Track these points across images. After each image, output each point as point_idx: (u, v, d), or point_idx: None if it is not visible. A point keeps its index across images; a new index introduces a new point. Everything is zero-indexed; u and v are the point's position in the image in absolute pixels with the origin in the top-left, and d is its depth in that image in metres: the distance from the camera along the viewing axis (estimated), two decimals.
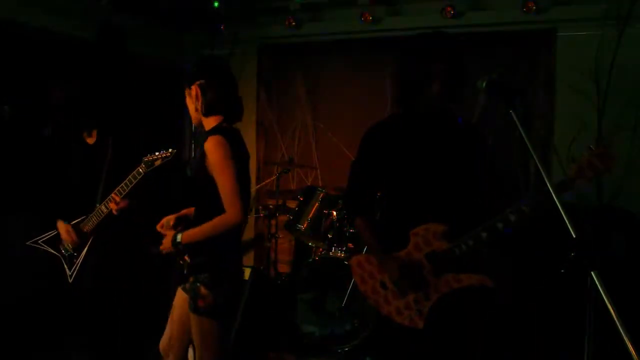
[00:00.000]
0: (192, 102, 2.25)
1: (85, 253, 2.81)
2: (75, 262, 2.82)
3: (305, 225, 3.88)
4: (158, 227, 2.31)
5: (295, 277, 3.81)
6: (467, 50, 2.01)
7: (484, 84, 1.74)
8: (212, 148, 2.10)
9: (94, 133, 2.90)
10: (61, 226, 2.84)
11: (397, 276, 2.00)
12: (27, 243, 2.92)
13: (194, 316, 2.19)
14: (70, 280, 2.83)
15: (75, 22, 4.21)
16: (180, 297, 2.33)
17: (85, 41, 4.27)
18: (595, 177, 1.76)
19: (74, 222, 2.84)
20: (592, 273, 1.38)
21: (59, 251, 2.87)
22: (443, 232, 1.98)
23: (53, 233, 2.89)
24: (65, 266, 2.85)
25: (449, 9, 4.34)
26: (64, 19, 4.12)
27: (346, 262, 3.61)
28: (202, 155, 2.15)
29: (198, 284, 2.15)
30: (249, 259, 5.28)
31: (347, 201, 2.25)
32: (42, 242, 2.91)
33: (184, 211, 2.39)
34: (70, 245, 2.84)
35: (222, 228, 2.10)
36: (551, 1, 4.20)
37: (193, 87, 2.23)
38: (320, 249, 3.95)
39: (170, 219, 2.32)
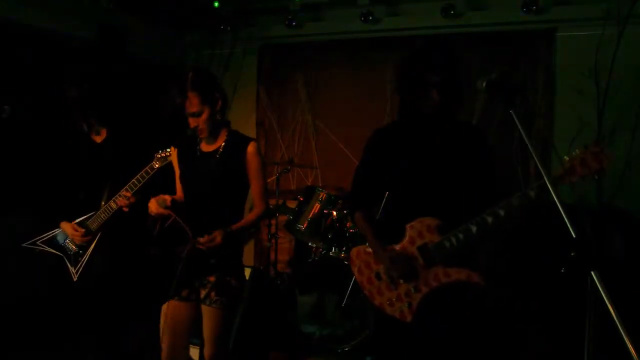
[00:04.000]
0: (212, 112, 2.40)
1: (92, 251, 2.80)
2: (80, 260, 2.80)
3: (305, 225, 3.88)
4: (153, 206, 2.36)
5: (295, 277, 3.81)
6: (466, 51, 2.03)
7: (484, 84, 1.75)
8: (256, 152, 2.43)
9: (103, 132, 2.88)
10: (66, 226, 2.82)
11: (387, 266, 2.05)
12: (24, 245, 2.89)
13: (217, 310, 2.36)
14: (75, 279, 2.80)
15: (76, 22, 4.21)
16: (179, 307, 2.43)
17: (86, 41, 4.28)
18: (590, 175, 1.77)
19: (79, 220, 2.83)
20: (592, 273, 1.39)
21: (62, 250, 2.85)
22: (437, 225, 2.03)
23: (54, 232, 2.88)
24: (69, 265, 2.82)
25: (449, 9, 4.34)
26: (64, 19, 4.12)
27: (346, 262, 3.61)
28: (242, 156, 2.41)
29: (228, 278, 2.39)
30: (249, 259, 5.28)
31: (350, 198, 2.31)
32: (42, 242, 2.89)
33: (175, 196, 2.51)
34: (77, 243, 2.81)
35: (260, 219, 2.51)
36: (551, 1, 4.21)
37: (218, 99, 2.42)
38: (320, 249, 3.95)
39: (166, 198, 2.37)
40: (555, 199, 1.52)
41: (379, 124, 2.45)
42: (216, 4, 4.77)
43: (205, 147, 2.47)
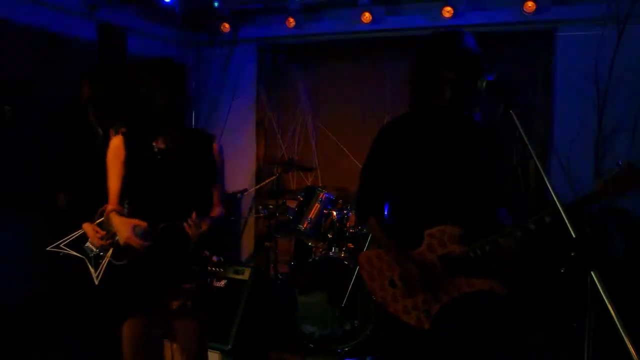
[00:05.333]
0: (183, 110, 2.23)
1: (112, 253, 2.75)
2: (101, 263, 2.74)
3: (305, 225, 3.88)
4: (135, 242, 2.18)
5: (295, 277, 3.81)
6: (475, 51, 1.97)
7: (484, 84, 1.74)
8: (219, 151, 2.32)
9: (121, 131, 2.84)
10: (87, 227, 2.76)
11: (413, 276, 1.98)
12: (48, 249, 2.82)
13: (195, 322, 2.25)
14: (97, 282, 2.73)
15: (76, 22, 4.21)
16: (145, 324, 2.24)
17: (87, 41, 4.27)
18: (622, 195, 1.71)
19: (99, 220, 2.78)
20: (592, 273, 1.38)
21: (84, 252, 2.79)
22: (459, 235, 1.96)
23: (77, 234, 2.81)
24: (91, 268, 2.75)
25: (449, 8, 4.34)
26: (64, 19, 4.12)
27: (346, 262, 3.61)
28: (208, 153, 2.27)
29: (207, 282, 2.30)
30: (249, 259, 5.28)
31: (360, 201, 2.19)
32: (65, 245, 2.81)
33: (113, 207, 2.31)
34: (96, 245, 2.76)
35: (221, 220, 2.32)
36: (551, 1, 4.20)
37: (188, 95, 2.26)
38: (320, 249, 3.95)
39: (140, 224, 2.16)
40: (555, 199, 1.52)
41: (379, 123, 2.40)
42: (216, 4, 4.77)
43: (162, 144, 2.21)
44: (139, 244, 2.12)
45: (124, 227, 2.14)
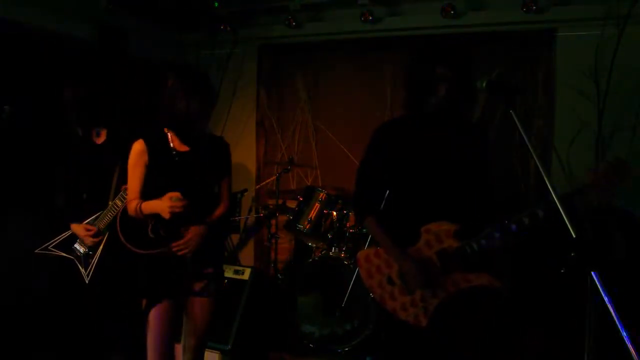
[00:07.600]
0: None
1: (101, 251, 2.78)
2: (90, 262, 2.77)
3: (305, 225, 3.88)
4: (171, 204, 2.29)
5: (295, 277, 3.81)
6: (468, 51, 2.02)
7: (484, 84, 1.74)
8: (230, 151, 2.62)
9: (103, 133, 2.87)
10: (77, 227, 2.79)
11: (413, 273, 1.99)
12: (37, 251, 2.85)
13: (212, 300, 2.41)
14: (87, 281, 2.76)
15: (76, 22, 4.21)
16: (169, 308, 2.39)
17: (87, 42, 4.27)
18: (611, 189, 1.75)
19: (87, 220, 2.80)
20: (592, 273, 1.39)
21: (73, 253, 2.82)
22: (455, 230, 1.99)
23: (65, 235, 2.84)
24: (81, 267, 2.79)
25: (449, 9, 4.34)
26: (64, 19, 4.12)
27: (346, 262, 3.61)
28: (221, 154, 2.54)
29: (222, 267, 2.54)
30: (249, 259, 5.28)
31: (357, 200, 2.24)
32: (53, 247, 2.85)
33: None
34: (87, 244, 2.79)
35: (227, 216, 2.63)
36: (551, 1, 4.20)
37: None
38: (320, 249, 3.95)
39: (175, 195, 2.31)
40: (555, 199, 1.52)
41: (379, 123, 2.42)
42: (216, 4, 4.77)
43: (180, 147, 2.40)
44: (180, 204, 2.23)
45: (161, 202, 2.26)
